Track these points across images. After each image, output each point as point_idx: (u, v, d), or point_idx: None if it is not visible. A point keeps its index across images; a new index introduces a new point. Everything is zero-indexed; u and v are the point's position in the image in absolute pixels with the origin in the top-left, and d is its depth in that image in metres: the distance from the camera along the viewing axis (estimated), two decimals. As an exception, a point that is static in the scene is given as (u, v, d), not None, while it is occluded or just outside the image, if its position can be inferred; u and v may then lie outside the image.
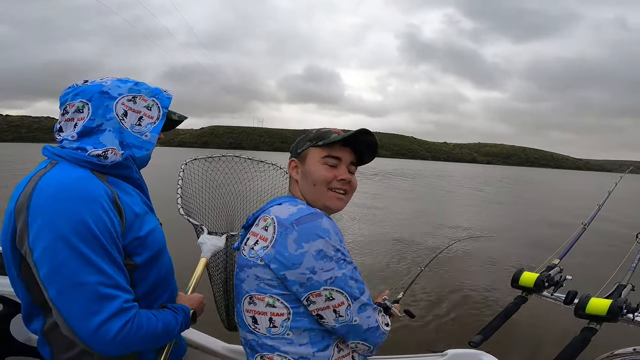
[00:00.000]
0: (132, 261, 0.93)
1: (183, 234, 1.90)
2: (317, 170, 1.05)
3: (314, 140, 1.08)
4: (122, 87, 1.01)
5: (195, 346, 1.48)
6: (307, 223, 0.92)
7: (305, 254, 0.90)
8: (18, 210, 0.82)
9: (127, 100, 1.00)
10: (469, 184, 32.88)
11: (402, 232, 9.20)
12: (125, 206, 0.92)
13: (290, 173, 1.12)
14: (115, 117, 0.98)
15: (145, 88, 1.05)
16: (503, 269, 6.61)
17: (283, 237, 0.92)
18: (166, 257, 1.06)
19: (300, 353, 0.94)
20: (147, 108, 1.03)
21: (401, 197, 18.24)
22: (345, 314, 0.93)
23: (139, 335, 0.85)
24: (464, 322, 4.49)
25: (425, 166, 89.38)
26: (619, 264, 1.44)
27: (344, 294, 0.92)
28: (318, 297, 0.91)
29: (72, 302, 0.79)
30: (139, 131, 1.02)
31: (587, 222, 1.70)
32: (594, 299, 1.09)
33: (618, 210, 12.40)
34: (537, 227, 11.57)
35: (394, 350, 1.63)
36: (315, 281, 0.90)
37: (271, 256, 0.92)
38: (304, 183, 1.08)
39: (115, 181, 0.96)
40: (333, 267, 0.91)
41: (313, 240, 0.90)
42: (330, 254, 0.91)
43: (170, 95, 1.10)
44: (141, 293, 0.96)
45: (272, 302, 0.94)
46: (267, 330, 0.95)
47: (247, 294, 0.97)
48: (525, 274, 1.30)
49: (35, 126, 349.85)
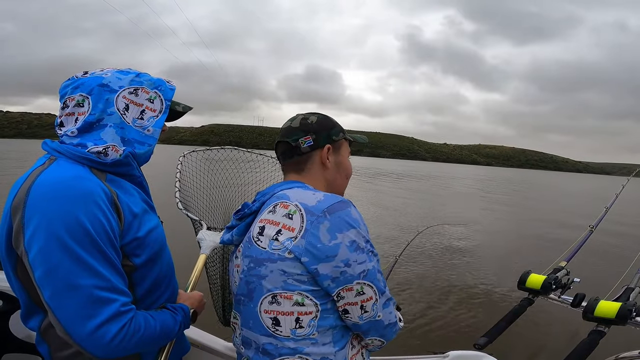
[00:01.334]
0: (131, 262, 0.90)
1: (182, 231, 1.89)
2: (349, 164, 1.10)
3: (344, 133, 1.09)
4: (124, 79, 0.96)
5: (197, 345, 1.47)
6: (338, 212, 0.86)
7: (340, 245, 0.84)
8: (14, 209, 0.80)
9: (128, 93, 0.96)
10: (476, 184, 32.91)
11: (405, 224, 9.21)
12: (124, 206, 0.89)
13: (323, 158, 1.03)
14: (117, 111, 0.94)
15: (148, 79, 1.00)
16: (509, 270, 6.60)
17: (315, 227, 0.84)
18: (167, 256, 1.04)
19: (323, 353, 0.88)
20: (149, 101, 0.99)
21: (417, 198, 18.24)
22: (371, 309, 0.89)
23: (136, 338, 0.83)
24: (467, 323, 4.49)
25: (431, 167, 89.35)
26: (626, 266, 1.43)
27: (373, 288, 0.88)
28: (349, 291, 0.86)
29: (67, 305, 0.77)
30: (141, 125, 0.98)
31: (595, 224, 1.68)
32: (603, 302, 1.08)
33: (626, 213, 12.40)
34: (545, 228, 11.59)
35: (396, 351, 1.62)
36: (349, 275, 0.85)
37: (302, 248, 0.84)
38: (336, 172, 1.06)
39: (115, 179, 0.93)
40: (365, 260, 0.86)
41: (346, 230, 0.85)
42: (362, 245, 0.86)
43: (174, 87, 1.05)
44: (141, 293, 0.94)
45: (301, 300, 0.86)
46: (291, 332, 0.87)
47: (270, 292, 0.88)
48: (533, 276, 1.28)
49: (35, 123, 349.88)
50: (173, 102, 1.06)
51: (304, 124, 1.03)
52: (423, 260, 7.01)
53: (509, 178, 58.38)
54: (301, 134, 1.02)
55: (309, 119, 1.04)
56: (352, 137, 1.13)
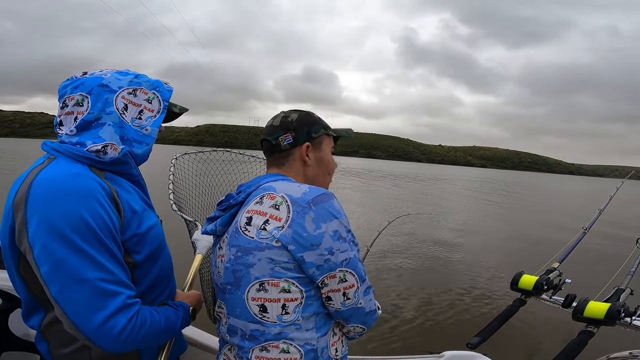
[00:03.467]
0: (132, 259, 0.91)
1: (177, 231, 1.89)
2: (331, 160, 1.13)
3: (326, 129, 1.11)
4: (123, 79, 0.98)
5: (194, 344, 1.47)
6: (322, 203, 0.91)
7: (324, 235, 0.88)
8: (16, 207, 0.81)
9: (127, 94, 0.97)
10: (470, 185, 33.04)
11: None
12: (123, 202, 0.90)
13: (302, 155, 1.06)
14: (116, 111, 0.96)
15: (146, 80, 1.02)
16: (503, 271, 6.65)
17: (301, 217, 0.89)
18: (166, 254, 1.05)
19: (306, 339, 0.92)
20: (147, 101, 1.01)
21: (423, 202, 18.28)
22: (353, 296, 0.94)
23: (144, 331, 0.85)
24: (462, 323, 4.51)
25: (431, 170, 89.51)
26: (618, 268, 1.45)
27: (355, 276, 0.93)
28: (332, 279, 0.91)
29: (75, 299, 0.78)
30: (140, 125, 1.00)
31: (588, 226, 1.71)
32: (592, 303, 1.09)
33: (619, 215, 12.51)
34: (539, 229, 11.67)
35: (392, 350, 1.63)
36: (333, 262, 0.90)
37: (289, 237, 0.88)
38: (317, 168, 1.09)
39: (114, 177, 0.95)
40: (347, 249, 0.91)
41: (330, 221, 0.90)
42: (344, 235, 0.91)
43: (171, 88, 1.08)
44: (141, 291, 0.95)
45: (288, 287, 0.90)
46: (278, 318, 0.91)
47: (257, 280, 0.90)
48: (525, 277, 1.30)
49: (28, 122, 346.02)
50: (170, 103, 1.08)
51: (284, 122, 1.06)
52: (417, 261, 7.04)
53: (503, 179, 58.70)
54: (281, 132, 1.05)
55: (290, 117, 1.07)
56: (335, 132, 1.15)
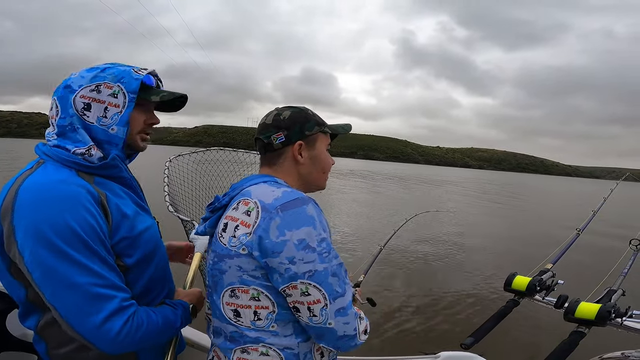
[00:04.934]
0: (122, 262, 0.90)
1: (177, 232, 1.89)
2: (327, 158, 1.08)
3: (322, 126, 1.06)
4: (86, 76, 0.92)
5: (191, 344, 1.48)
6: (292, 209, 0.86)
7: (287, 243, 0.84)
8: (3, 213, 0.81)
9: (89, 91, 0.91)
10: (468, 187, 33.10)
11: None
12: (112, 207, 0.89)
13: (295, 154, 1.02)
14: (75, 113, 0.91)
15: (112, 73, 0.93)
16: (497, 272, 6.66)
17: (266, 223, 0.85)
18: (161, 256, 1.04)
19: (285, 344, 0.90)
20: (112, 96, 0.92)
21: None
22: (320, 314, 0.86)
23: (141, 332, 0.85)
24: (457, 324, 4.51)
25: (430, 171, 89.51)
26: (611, 269, 1.46)
27: (321, 291, 0.85)
28: (294, 289, 0.85)
29: (69, 304, 0.79)
30: (106, 125, 0.93)
31: (582, 227, 1.72)
32: (583, 303, 1.10)
33: (613, 217, 12.53)
34: (534, 230, 11.69)
35: (387, 351, 1.64)
36: (293, 272, 0.84)
37: (253, 243, 0.86)
38: (311, 167, 1.04)
39: (104, 182, 0.93)
40: (314, 260, 0.84)
41: (296, 229, 0.84)
42: (313, 245, 0.85)
43: (140, 76, 0.96)
44: (137, 293, 0.95)
45: (257, 295, 0.88)
46: (251, 322, 0.90)
47: (229, 286, 0.90)
48: (518, 278, 1.31)
49: (25, 122, 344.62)
50: (151, 92, 0.99)
51: (276, 120, 1.03)
52: (413, 261, 7.05)
53: (500, 181, 58.81)
54: (273, 131, 1.02)
55: (282, 115, 1.03)
56: (330, 129, 1.09)
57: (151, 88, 1.01)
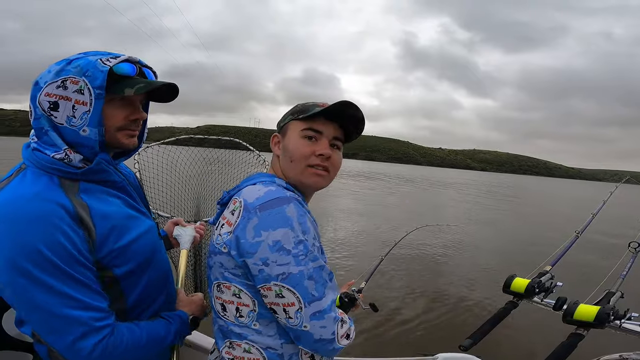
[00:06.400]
0: (112, 273, 0.86)
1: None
2: (295, 145, 0.96)
3: (296, 114, 0.98)
4: (53, 70, 0.81)
5: (188, 344, 1.48)
6: (270, 209, 0.84)
7: (261, 244, 0.82)
8: None
9: (55, 88, 0.80)
10: (470, 189, 33.04)
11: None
12: (97, 219, 0.83)
13: (272, 148, 1.04)
14: (42, 113, 0.81)
15: (78, 65, 0.81)
16: (496, 274, 6.64)
17: (244, 223, 0.85)
18: (160, 261, 1.01)
19: (267, 344, 0.90)
20: (79, 92, 0.80)
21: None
22: (295, 316, 0.83)
23: (120, 350, 0.83)
24: (456, 325, 4.51)
25: (432, 172, 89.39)
26: (610, 271, 1.46)
27: (295, 295, 0.82)
28: (269, 291, 0.84)
29: (40, 324, 0.79)
30: (76, 125, 0.82)
31: (581, 230, 1.71)
32: (582, 305, 1.10)
33: (612, 219, 12.50)
34: (533, 233, 11.66)
35: (385, 352, 1.64)
36: (267, 274, 0.82)
37: (232, 242, 0.86)
38: (284, 159, 0.98)
39: (90, 187, 0.86)
40: (289, 262, 0.82)
41: (273, 229, 0.82)
42: (289, 247, 0.82)
43: (105, 67, 0.81)
44: (132, 301, 0.93)
45: (238, 292, 0.89)
46: (235, 318, 0.91)
47: (216, 280, 0.93)
48: (517, 280, 1.31)
49: (29, 120, 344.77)
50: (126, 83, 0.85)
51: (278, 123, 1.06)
52: (412, 263, 7.04)
53: (504, 183, 58.67)
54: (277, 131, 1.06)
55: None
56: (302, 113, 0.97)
57: (131, 78, 0.87)
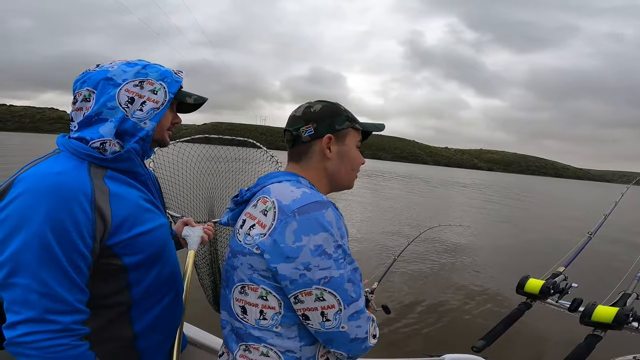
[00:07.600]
0: (121, 262, 0.88)
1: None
2: (357, 155, 1.05)
3: (353, 122, 1.04)
4: (129, 71, 0.94)
5: (194, 343, 1.48)
6: (310, 213, 0.84)
7: (303, 248, 0.82)
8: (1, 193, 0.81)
9: (133, 86, 0.93)
10: (478, 189, 32.90)
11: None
12: (114, 204, 0.86)
13: (323, 148, 1.00)
14: (118, 105, 0.92)
15: (155, 71, 0.98)
16: (508, 275, 6.59)
17: (282, 226, 0.84)
18: (169, 257, 1.02)
19: (287, 347, 0.89)
20: (152, 92, 0.96)
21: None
22: (333, 318, 0.85)
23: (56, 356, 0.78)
24: (465, 326, 4.49)
25: (439, 172, 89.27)
26: (624, 272, 1.44)
27: (336, 297, 0.84)
28: (308, 295, 0.84)
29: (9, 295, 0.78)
30: (139, 117, 0.95)
31: (593, 231, 1.69)
32: (600, 307, 1.09)
33: (624, 220, 12.41)
34: (545, 234, 11.59)
35: (392, 353, 1.63)
36: (309, 279, 0.83)
37: (267, 245, 0.85)
38: (339, 163, 1.01)
39: (116, 176, 0.91)
40: (330, 266, 0.83)
41: (314, 234, 0.83)
42: (330, 251, 0.83)
43: (180, 79, 1.02)
44: (138, 294, 0.93)
45: (265, 295, 0.88)
46: (255, 321, 0.90)
47: (240, 282, 0.91)
48: (531, 281, 1.29)
49: (38, 117, 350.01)
50: (183, 93, 1.04)
51: (306, 113, 1.01)
52: (422, 262, 7.02)
53: (512, 184, 58.39)
54: (302, 123, 1.00)
55: (313, 108, 1.02)
56: (362, 126, 1.07)
57: (181, 88, 1.04)
